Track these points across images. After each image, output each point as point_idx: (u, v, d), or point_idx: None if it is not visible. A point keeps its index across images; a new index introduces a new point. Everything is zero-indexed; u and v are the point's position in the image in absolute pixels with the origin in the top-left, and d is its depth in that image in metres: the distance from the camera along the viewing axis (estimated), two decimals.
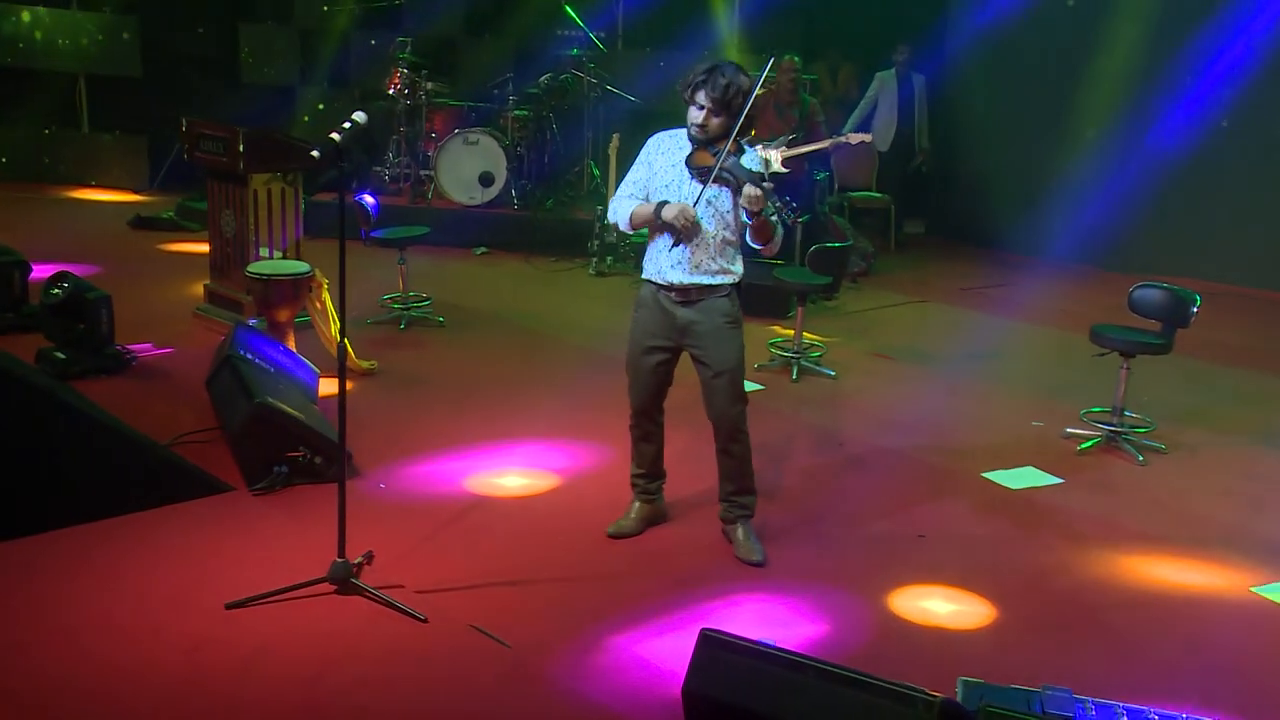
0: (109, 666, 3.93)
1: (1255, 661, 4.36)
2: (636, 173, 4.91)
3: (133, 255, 9.68)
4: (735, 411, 4.89)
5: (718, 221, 4.73)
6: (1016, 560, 5.04)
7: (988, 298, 9.76)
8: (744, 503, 5.03)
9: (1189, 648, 4.43)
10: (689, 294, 4.78)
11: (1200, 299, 6.18)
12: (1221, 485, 6.01)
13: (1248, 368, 7.99)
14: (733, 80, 4.60)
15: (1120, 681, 4.04)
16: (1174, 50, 10.23)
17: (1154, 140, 10.41)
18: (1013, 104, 11.43)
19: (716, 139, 4.67)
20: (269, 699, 3.80)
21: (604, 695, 3.90)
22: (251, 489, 5.29)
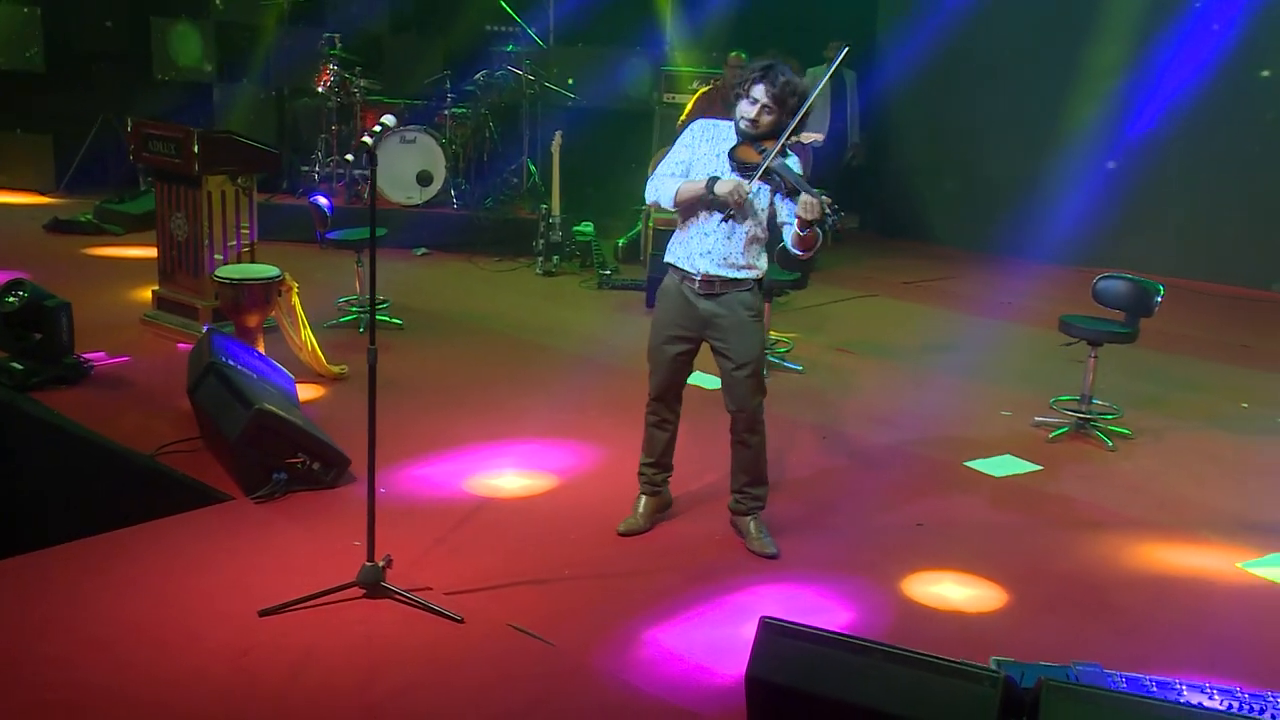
0: (153, 676, 3.99)
1: (1252, 632, 4.71)
2: (679, 154, 5.03)
3: (56, 260, 9.51)
4: (755, 403, 5.06)
5: (751, 218, 4.89)
6: (1016, 545, 5.35)
7: (932, 291, 10.17)
8: (757, 494, 5.19)
9: (1189, 622, 4.77)
10: (713, 286, 4.93)
11: (1163, 289, 6.59)
12: (1189, 468, 6.42)
13: (1192, 356, 8.45)
14: (791, 79, 4.78)
15: (1130, 656, 4.33)
16: (1107, 48, 10.76)
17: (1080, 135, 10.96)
18: (942, 100, 11.87)
19: (763, 136, 4.80)
20: (324, 702, 3.91)
21: (652, 687, 4.08)
22: (252, 497, 5.35)
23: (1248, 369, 8.30)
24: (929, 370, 7.89)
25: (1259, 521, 5.74)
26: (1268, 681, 4.16)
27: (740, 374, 4.99)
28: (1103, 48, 10.77)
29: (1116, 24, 10.67)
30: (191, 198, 7.54)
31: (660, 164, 5.12)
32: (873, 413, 7.00)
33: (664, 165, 5.06)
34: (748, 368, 4.98)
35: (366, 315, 8.13)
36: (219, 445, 5.66)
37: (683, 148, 5.05)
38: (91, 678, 3.97)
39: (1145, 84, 10.58)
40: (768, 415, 5.18)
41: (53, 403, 6.36)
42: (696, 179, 4.88)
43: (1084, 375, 6.70)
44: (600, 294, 9.61)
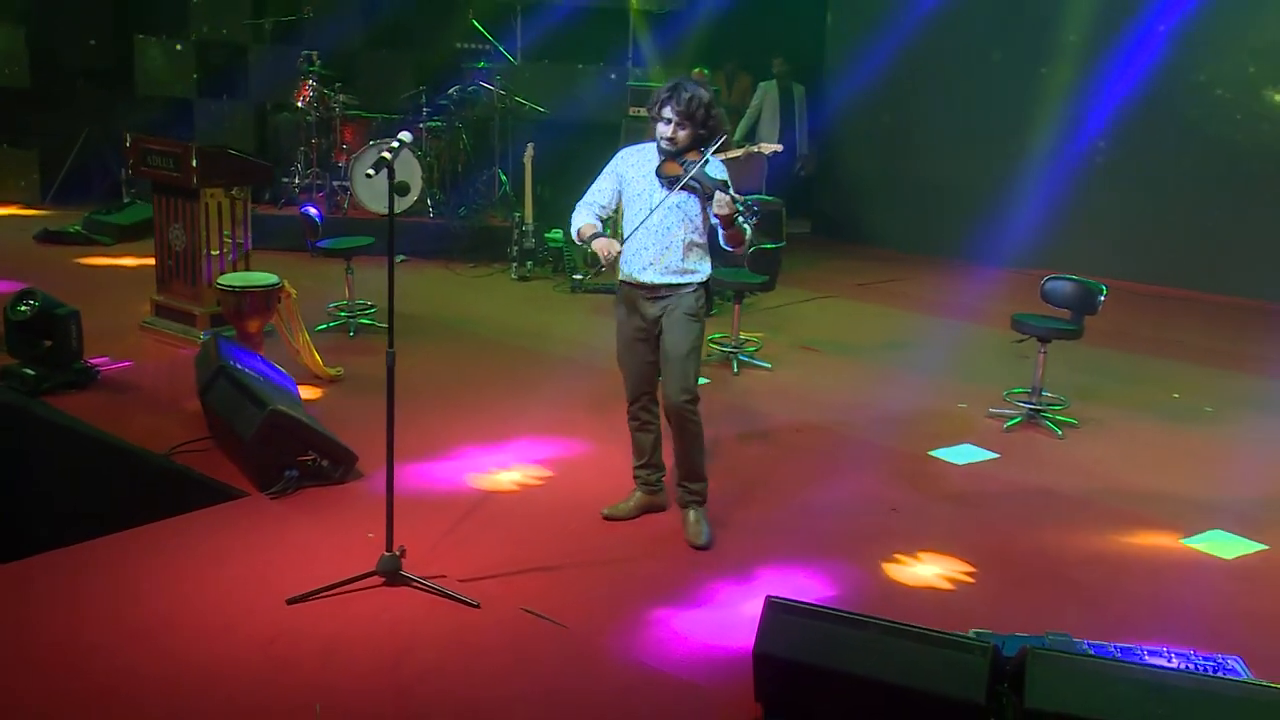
0: (192, 662, 4.04)
1: (1199, 601, 4.88)
2: (602, 183, 5.16)
3: (49, 270, 9.41)
4: (683, 400, 5.08)
5: (686, 226, 4.98)
6: (983, 527, 5.50)
7: (883, 292, 10.32)
8: (694, 489, 5.22)
9: (1143, 594, 4.93)
10: (658, 292, 5.04)
11: (1106, 289, 6.79)
12: (1131, 453, 6.61)
13: (1127, 352, 8.63)
14: (694, 94, 4.85)
15: (1094, 626, 4.47)
16: (1049, 63, 10.98)
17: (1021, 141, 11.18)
18: (888, 112, 12.05)
19: (685, 150, 4.91)
20: (357, 683, 3.98)
21: (662, 664, 4.18)
22: (267, 493, 5.39)
23: (1178, 363, 8.50)
24: (888, 366, 8.04)
25: (1196, 501, 5.94)
26: (1218, 645, 4.32)
27: (670, 366, 5.07)
28: (1043, 62, 10.98)
29: (1058, 39, 10.89)
30: (189, 209, 7.55)
31: (589, 189, 5.18)
32: (840, 406, 7.13)
33: (589, 194, 5.16)
34: (675, 362, 5.04)
35: (357, 319, 8.24)
36: (232, 444, 5.68)
37: (606, 175, 5.16)
38: (135, 665, 4.01)
39: (1086, 96, 10.80)
40: (741, 412, 5.28)
41: (64, 407, 6.36)
42: (594, 226, 5.02)
43: (1034, 369, 6.87)
44: (574, 297, 9.69)
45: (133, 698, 3.82)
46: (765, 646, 3.79)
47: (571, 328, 8.74)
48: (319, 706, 3.81)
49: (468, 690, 3.97)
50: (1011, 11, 11.13)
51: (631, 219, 5.07)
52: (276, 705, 3.83)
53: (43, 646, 4.12)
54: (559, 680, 4.07)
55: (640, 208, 5.01)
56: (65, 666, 3.98)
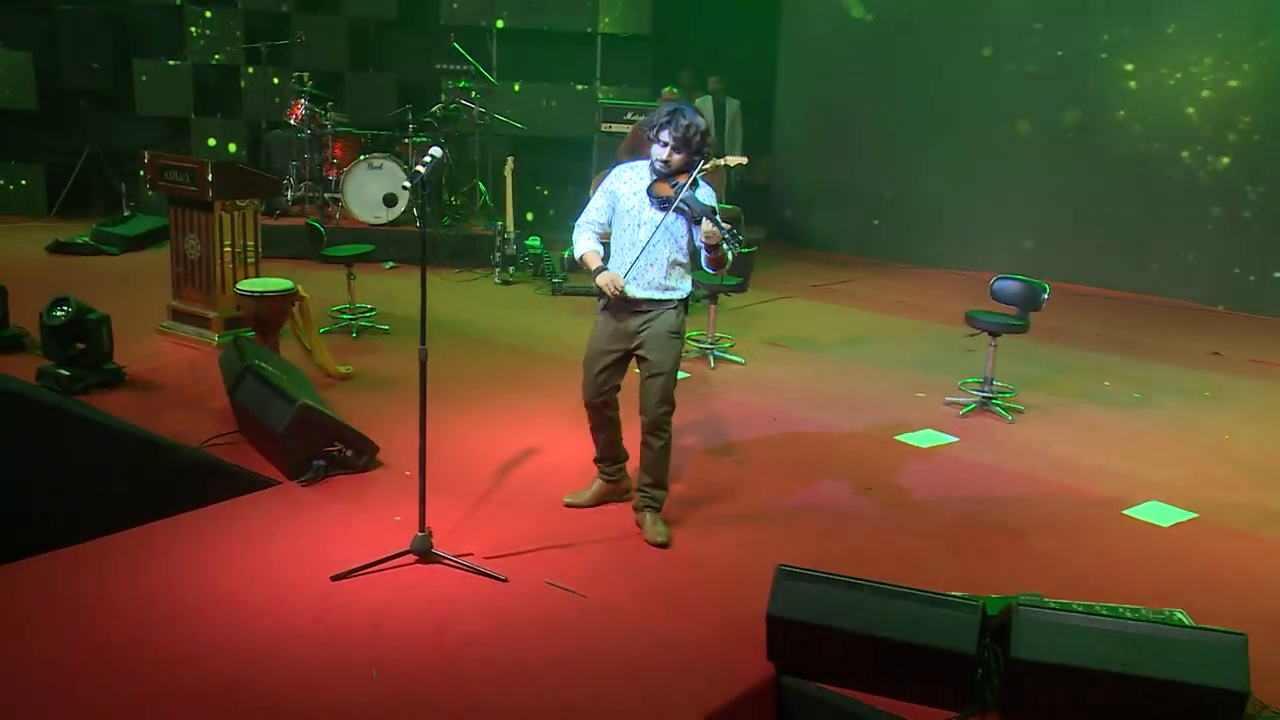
0: (254, 632, 4.13)
1: (1142, 564, 5.11)
2: (598, 201, 5.13)
3: (64, 278, 9.33)
4: (660, 411, 5.07)
5: (671, 245, 4.97)
6: (950, 502, 5.68)
7: (837, 292, 10.52)
8: (655, 495, 5.17)
9: (1094, 559, 5.13)
10: (641, 306, 5.03)
11: (1049, 288, 7.03)
12: (1072, 435, 6.83)
13: (1061, 344, 8.88)
14: (692, 122, 4.86)
15: (1056, 587, 4.65)
16: (985, 79, 11.24)
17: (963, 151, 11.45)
18: (835, 126, 12.27)
19: (677, 172, 4.92)
20: (405, 650, 4.07)
21: (679, 627, 4.32)
22: (298, 481, 5.47)
23: (1106, 354, 8.76)
24: (849, 360, 8.21)
25: (1133, 476, 6.17)
26: (1162, 601, 4.55)
27: (652, 382, 5.04)
28: (981, 83, 11.25)
29: (996, 66, 11.16)
30: (204, 220, 7.57)
31: (585, 209, 5.18)
32: (809, 397, 7.29)
33: (585, 213, 5.16)
34: (660, 378, 5.03)
35: (359, 322, 8.31)
36: (262, 437, 5.74)
37: (602, 194, 5.14)
38: (202, 635, 4.09)
39: (1020, 114, 11.07)
40: (720, 403, 5.37)
41: (97, 404, 6.36)
42: (596, 256, 5.03)
43: (986, 360, 7.09)
44: (554, 300, 9.80)
45: (205, 664, 3.90)
46: (777, 609, 3.96)
47: (555, 327, 8.84)
48: (374, 671, 3.92)
49: (505, 655, 4.08)
50: (948, 41, 11.38)
51: (619, 233, 5.08)
52: (335, 671, 3.92)
53: (115, 619, 4.18)
54: (585, 645, 4.19)
55: (630, 223, 5.02)
56: (138, 637, 4.06)
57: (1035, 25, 11.00)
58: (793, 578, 3.98)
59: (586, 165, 11.49)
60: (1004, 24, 11.09)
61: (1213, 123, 10.33)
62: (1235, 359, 8.84)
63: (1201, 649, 3.75)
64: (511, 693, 3.85)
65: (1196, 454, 6.63)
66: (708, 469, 5.85)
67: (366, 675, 3.90)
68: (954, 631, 3.81)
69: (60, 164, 11.33)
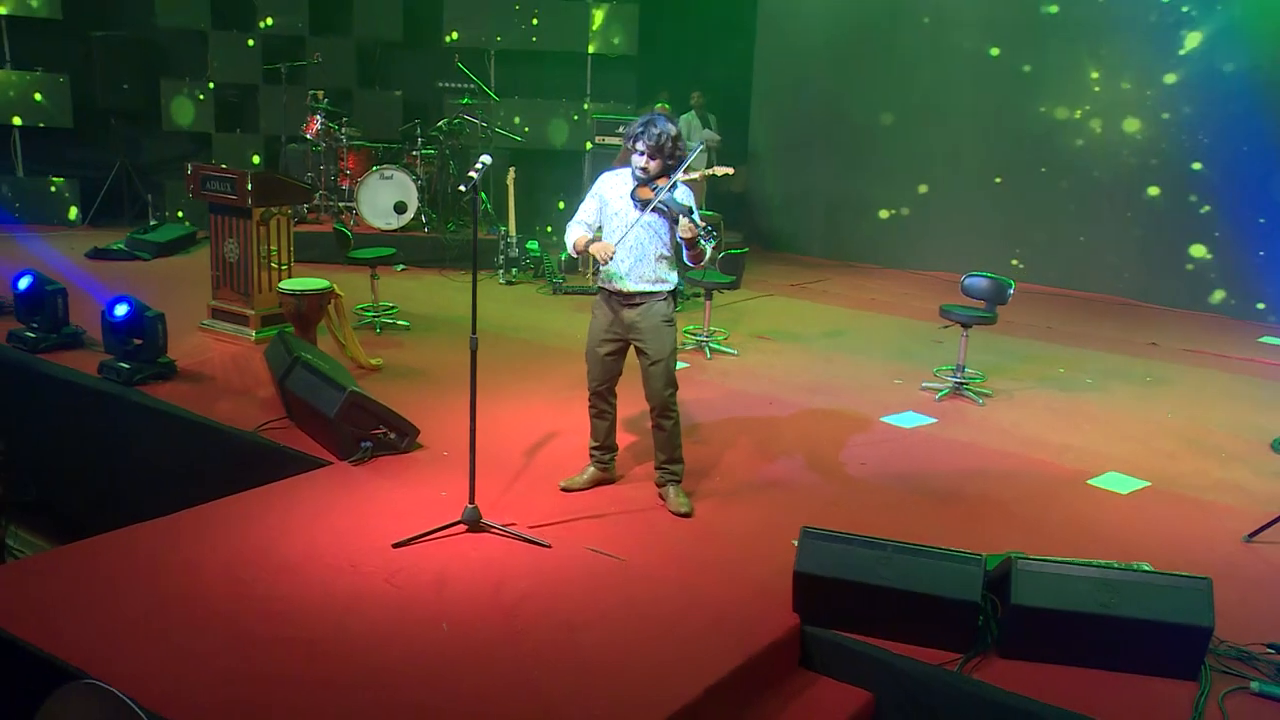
0: (333, 591, 4.26)
1: (1107, 527, 5.32)
2: (588, 204, 5.25)
3: (105, 281, 9.37)
4: (667, 394, 5.18)
5: (656, 242, 5.08)
6: (936, 477, 5.87)
7: (813, 291, 10.68)
8: (674, 470, 5.30)
9: (1066, 522, 5.34)
10: (633, 299, 5.15)
11: (1014, 284, 7.26)
12: (1036, 415, 7.04)
13: (1018, 337, 9.05)
14: (663, 130, 4.98)
15: (1037, 547, 4.77)
16: (939, 99, 11.47)
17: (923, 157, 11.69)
18: (802, 136, 12.43)
19: (656, 176, 5.02)
20: (469, 605, 4.23)
21: (711, 585, 4.49)
22: (349, 460, 5.59)
23: (1058, 345, 8.97)
24: (831, 351, 8.38)
25: (1092, 451, 6.41)
26: (1127, 556, 4.73)
27: (654, 368, 5.16)
28: (940, 100, 11.48)
29: (947, 77, 11.39)
30: (243, 226, 7.65)
31: (577, 211, 5.29)
32: (799, 384, 7.46)
33: (577, 214, 5.27)
34: (661, 363, 5.14)
35: (382, 319, 8.40)
36: (314, 421, 5.84)
37: (590, 198, 5.25)
38: (287, 594, 4.22)
39: (979, 128, 11.28)
40: (721, 389, 5.48)
41: (155, 394, 6.45)
42: (586, 234, 5.18)
43: (958, 350, 7.31)
44: (555, 298, 9.92)
45: (295, 618, 4.04)
46: (803, 566, 4.14)
47: (558, 323, 8.97)
48: (445, 625, 4.07)
49: (557, 611, 4.23)
50: (905, 62, 11.61)
51: (609, 234, 5.19)
52: (410, 625, 4.06)
53: (211, 579, 4.31)
54: (628, 602, 4.34)
55: (617, 225, 5.13)
56: (235, 593, 4.20)
57: (991, 50, 11.23)
58: (817, 538, 4.16)
59: (578, 176, 11.64)
60: (959, 46, 11.31)
61: (1141, 141, 10.59)
62: (1169, 348, 9.11)
63: (1173, 592, 3.99)
64: (567, 643, 4.01)
65: (1144, 431, 6.88)
66: (717, 448, 6.01)
67: (437, 629, 4.05)
68: (960, 583, 4.01)
69: (92, 177, 11.37)
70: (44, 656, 3.64)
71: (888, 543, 4.12)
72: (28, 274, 7.15)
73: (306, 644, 3.89)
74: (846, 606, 4.11)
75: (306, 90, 11.34)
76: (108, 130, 11.44)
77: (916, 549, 4.09)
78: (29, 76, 11.20)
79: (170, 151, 11.76)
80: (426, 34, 12.17)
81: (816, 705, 4.04)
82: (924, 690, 3.99)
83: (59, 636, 3.74)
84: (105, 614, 3.97)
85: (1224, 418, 7.21)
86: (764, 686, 4.03)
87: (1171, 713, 3.81)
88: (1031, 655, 4.02)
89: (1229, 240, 10.25)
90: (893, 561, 4.06)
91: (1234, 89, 9.99)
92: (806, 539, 4.16)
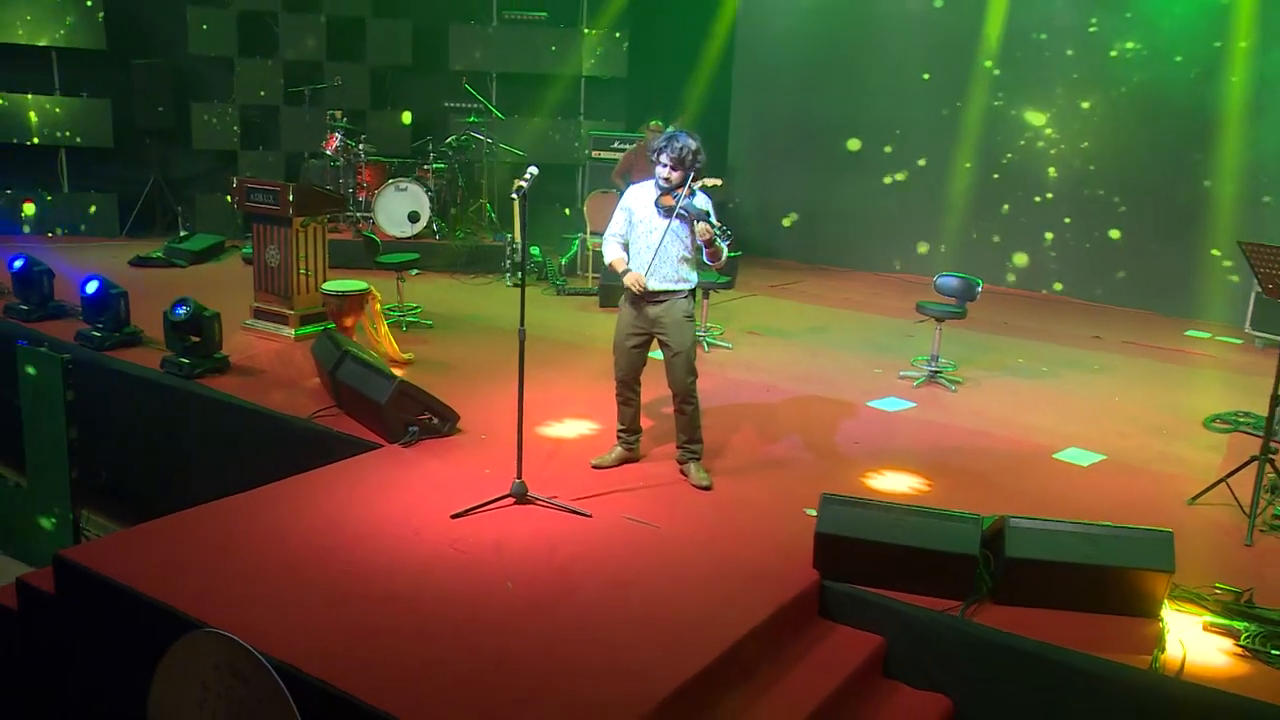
0: (405, 555, 4.43)
1: (1075, 495, 5.57)
2: (619, 216, 5.42)
3: (150, 286, 9.30)
4: (689, 381, 5.38)
5: (677, 244, 5.26)
6: (921, 452, 6.10)
7: (792, 291, 10.87)
8: (694, 449, 5.49)
9: (1040, 491, 5.59)
10: (658, 297, 5.34)
11: (982, 282, 7.54)
12: (1002, 400, 7.28)
13: (981, 331, 9.15)
14: (684, 144, 5.13)
15: (1014, 510, 4.97)
16: (893, 118, 11.75)
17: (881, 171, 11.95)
18: (773, 150, 12.66)
19: (677, 186, 5.22)
20: (527, 565, 4.41)
21: (738, 548, 4.70)
22: (399, 443, 5.73)
23: (1016, 338, 9.19)
24: (814, 344, 8.58)
25: (1054, 430, 6.65)
26: (1092, 518, 4.81)
27: (677, 359, 5.35)
28: (893, 116, 11.74)
29: (902, 99, 11.67)
30: (283, 234, 7.77)
31: (610, 223, 5.46)
32: (791, 374, 7.66)
33: (610, 226, 5.44)
34: (682, 354, 5.34)
35: (407, 318, 8.53)
36: (365, 408, 5.96)
37: (620, 210, 5.42)
38: (366, 557, 4.39)
39: (939, 144, 11.53)
40: (722, 379, 5.63)
41: (214, 386, 6.56)
42: (623, 260, 5.36)
43: (933, 342, 7.56)
44: (560, 299, 10.03)
45: (375, 578, 4.20)
46: (824, 528, 4.36)
47: (566, 320, 9.10)
48: (510, 584, 4.25)
49: (605, 570, 4.42)
50: (868, 81, 11.87)
51: (636, 239, 5.37)
52: (476, 583, 4.25)
53: (297, 544, 4.46)
54: (667, 562, 4.54)
55: (644, 230, 5.31)
56: (319, 556, 4.35)
57: (923, 75, 11.50)
58: (836, 503, 4.39)
59: (573, 187, 11.80)
60: (914, 73, 11.61)
61: (1070, 156, 10.92)
62: (1111, 340, 9.41)
63: (1141, 543, 4.27)
64: (618, 598, 4.21)
65: (1097, 412, 7.15)
66: (724, 431, 6.20)
67: (502, 587, 4.23)
68: (960, 539, 4.25)
69: (129, 192, 11.45)
70: (166, 609, 3.79)
71: (898, 505, 4.36)
72: (95, 279, 7.25)
73: (387, 600, 4.06)
74: (861, 562, 4.34)
75: (325, 110, 11.45)
76: (143, 149, 11.49)
77: (923, 510, 4.34)
78: (76, 102, 11.27)
79: (199, 168, 11.85)
80: (435, 59, 12.31)
81: (835, 648, 4.26)
82: (929, 633, 4.23)
83: (177, 593, 3.90)
84: (213, 573, 4.13)
85: (1162, 401, 7.51)
86: (790, 633, 4.24)
87: (1141, 645, 4.08)
88: (1022, 601, 4.28)
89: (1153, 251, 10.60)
90: (903, 522, 4.29)
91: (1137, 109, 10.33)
92: (826, 504, 4.38)
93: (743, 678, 3.91)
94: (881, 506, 4.37)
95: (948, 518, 4.30)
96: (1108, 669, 3.92)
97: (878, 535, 4.28)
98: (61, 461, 6.13)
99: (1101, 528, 4.36)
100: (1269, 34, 9.68)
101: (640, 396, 5.64)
